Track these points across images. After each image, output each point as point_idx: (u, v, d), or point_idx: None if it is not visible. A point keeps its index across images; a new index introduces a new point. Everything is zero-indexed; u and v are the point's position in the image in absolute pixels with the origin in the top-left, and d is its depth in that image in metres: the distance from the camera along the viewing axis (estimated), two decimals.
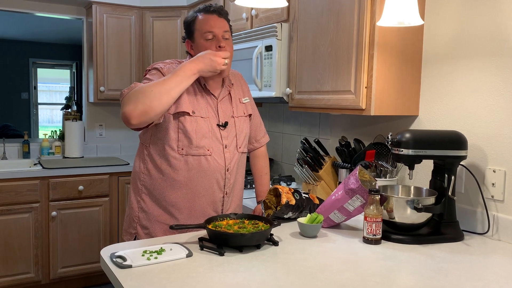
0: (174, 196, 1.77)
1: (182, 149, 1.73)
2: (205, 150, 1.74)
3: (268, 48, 2.42)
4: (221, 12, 1.76)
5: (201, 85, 1.79)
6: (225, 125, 1.79)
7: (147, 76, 1.74)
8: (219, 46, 1.72)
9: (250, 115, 1.96)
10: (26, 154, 3.75)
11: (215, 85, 1.83)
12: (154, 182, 1.79)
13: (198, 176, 1.76)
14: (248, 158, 2.07)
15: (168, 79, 1.61)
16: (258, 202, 2.03)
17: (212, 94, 1.81)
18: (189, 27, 1.77)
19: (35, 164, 3.53)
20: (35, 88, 8.60)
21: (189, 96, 1.74)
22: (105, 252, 1.45)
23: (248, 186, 2.63)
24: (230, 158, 1.81)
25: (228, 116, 1.83)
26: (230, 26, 1.82)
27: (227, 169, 1.80)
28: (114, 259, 1.37)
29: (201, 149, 1.74)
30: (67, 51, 8.53)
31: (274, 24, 2.39)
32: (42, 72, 8.69)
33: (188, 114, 1.72)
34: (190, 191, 1.77)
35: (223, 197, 1.82)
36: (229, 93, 1.87)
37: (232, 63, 2.70)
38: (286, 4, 1.77)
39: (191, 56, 1.79)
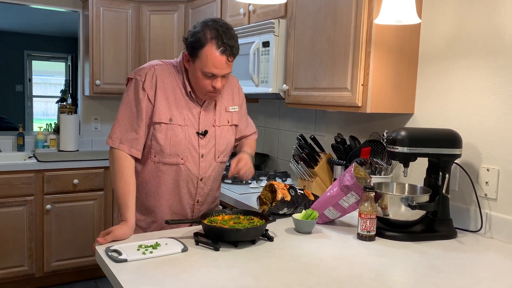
0: (145, 199, 1.78)
1: (155, 156, 1.72)
2: (179, 159, 1.72)
3: (265, 44, 2.42)
4: (233, 54, 1.64)
5: (186, 91, 1.73)
6: (204, 133, 1.75)
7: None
8: (213, 87, 1.67)
9: (235, 125, 1.88)
10: (20, 147, 3.73)
11: None
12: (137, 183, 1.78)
13: (169, 183, 1.75)
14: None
15: (118, 198, 1.66)
16: (240, 152, 1.90)
17: (197, 101, 1.75)
18: (195, 48, 1.63)
19: (29, 157, 3.51)
20: (30, 80, 8.54)
21: (169, 104, 1.70)
22: (101, 246, 1.45)
23: (244, 182, 2.63)
24: (206, 168, 1.78)
25: (209, 125, 1.77)
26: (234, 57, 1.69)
27: (201, 178, 1.78)
28: (109, 253, 1.37)
29: (174, 157, 1.71)
30: (63, 44, 8.47)
31: (272, 20, 2.39)
32: (37, 65, 8.63)
33: (164, 123, 1.69)
34: (161, 197, 1.77)
35: (193, 204, 1.81)
36: (215, 101, 1.80)
37: None
38: (285, 0, 1.77)
39: (185, 68, 1.72)
